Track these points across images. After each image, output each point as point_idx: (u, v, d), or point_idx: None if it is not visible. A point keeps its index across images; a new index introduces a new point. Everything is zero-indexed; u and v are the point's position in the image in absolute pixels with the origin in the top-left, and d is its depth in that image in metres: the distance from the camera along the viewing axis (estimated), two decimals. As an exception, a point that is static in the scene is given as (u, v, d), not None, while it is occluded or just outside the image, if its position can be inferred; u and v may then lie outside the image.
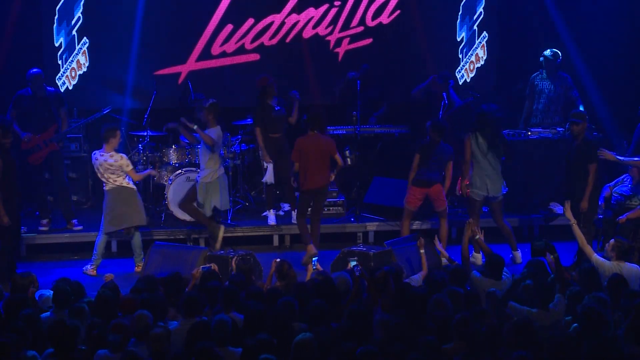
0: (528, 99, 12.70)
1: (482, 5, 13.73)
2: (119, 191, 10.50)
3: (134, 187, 10.66)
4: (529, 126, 12.47)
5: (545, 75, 12.53)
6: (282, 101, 11.96)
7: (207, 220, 10.86)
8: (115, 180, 10.49)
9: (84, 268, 10.62)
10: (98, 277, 10.30)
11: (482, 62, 13.83)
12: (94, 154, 10.59)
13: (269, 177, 11.66)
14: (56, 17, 12.87)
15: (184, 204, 10.99)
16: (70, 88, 13.00)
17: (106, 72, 13.07)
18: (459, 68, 13.79)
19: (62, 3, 12.85)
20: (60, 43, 12.94)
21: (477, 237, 9.38)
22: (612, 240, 8.74)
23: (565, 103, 12.52)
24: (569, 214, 9.25)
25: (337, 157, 10.53)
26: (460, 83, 13.68)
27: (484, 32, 13.79)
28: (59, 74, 12.96)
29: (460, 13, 13.73)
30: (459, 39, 13.76)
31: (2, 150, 9.96)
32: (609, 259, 8.62)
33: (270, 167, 11.64)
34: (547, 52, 12.47)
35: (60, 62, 12.96)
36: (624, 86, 13.69)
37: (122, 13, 12.95)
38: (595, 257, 8.61)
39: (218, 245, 10.69)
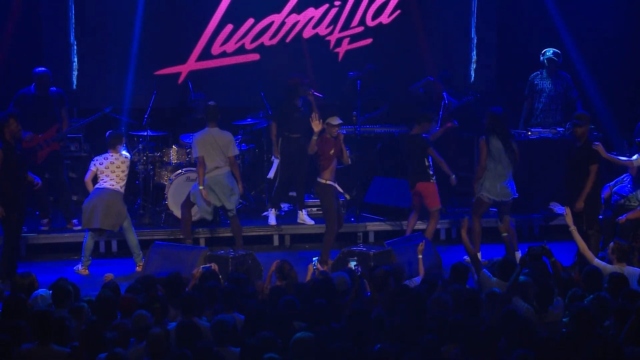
0: (527, 99, 12.70)
1: (476, 5, 13.74)
2: (110, 192, 10.54)
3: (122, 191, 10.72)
4: (529, 126, 12.47)
5: (546, 74, 12.52)
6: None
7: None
8: (118, 183, 10.54)
9: (75, 268, 10.63)
10: (91, 276, 10.33)
11: (475, 63, 13.83)
12: (100, 157, 10.66)
13: (272, 173, 11.71)
14: (66, 16, 12.86)
15: None
16: (73, 88, 13.02)
17: (106, 72, 13.06)
18: (472, 66, 13.80)
19: (68, 3, 12.86)
20: (66, 43, 12.96)
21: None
22: (611, 243, 8.69)
23: (565, 102, 12.53)
24: (569, 220, 9.15)
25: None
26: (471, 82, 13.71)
27: (479, 31, 13.79)
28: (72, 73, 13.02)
29: (465, 13, 13.73)
30: (466, 39, 13.78)
31: (7, 144, 9.94)
32: (609, 261, 8.60)
33: (276, 163, 11.68)
34: (549, 52, 12.47)
35: (70, 62, 13.00)
36: (624, 86, 13.69)
37: (122, 13, 12.94)
38: (597, 262, 8.54)
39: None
